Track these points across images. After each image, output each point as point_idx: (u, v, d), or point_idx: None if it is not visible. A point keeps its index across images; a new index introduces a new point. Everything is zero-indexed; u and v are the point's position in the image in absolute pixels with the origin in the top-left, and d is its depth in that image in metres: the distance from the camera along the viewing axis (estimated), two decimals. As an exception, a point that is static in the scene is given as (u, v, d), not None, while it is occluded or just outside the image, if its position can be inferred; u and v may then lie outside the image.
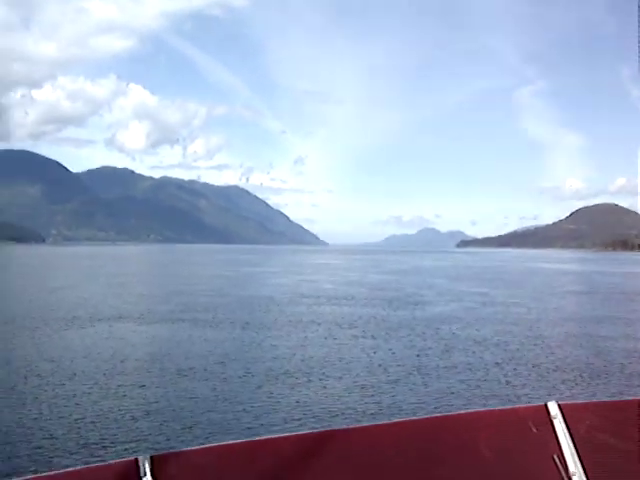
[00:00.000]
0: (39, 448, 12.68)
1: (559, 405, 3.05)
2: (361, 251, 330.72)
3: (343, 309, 38.55)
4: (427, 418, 3.32)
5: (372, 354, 23.73)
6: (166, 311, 36.10)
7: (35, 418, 14.75)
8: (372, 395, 17.37)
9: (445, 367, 21.47)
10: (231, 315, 34.60)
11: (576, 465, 2.89)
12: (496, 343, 26.66)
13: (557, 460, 2.90)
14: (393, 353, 24.04)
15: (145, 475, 2.32)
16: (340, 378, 19.44)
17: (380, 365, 21.48)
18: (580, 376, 20.48)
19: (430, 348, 25.15)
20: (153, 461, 2.37)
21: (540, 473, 2.92)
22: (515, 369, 21.42)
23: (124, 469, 2.35)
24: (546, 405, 3.06)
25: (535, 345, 26.44)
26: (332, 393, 17.48)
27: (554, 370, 21.41)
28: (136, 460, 2.35)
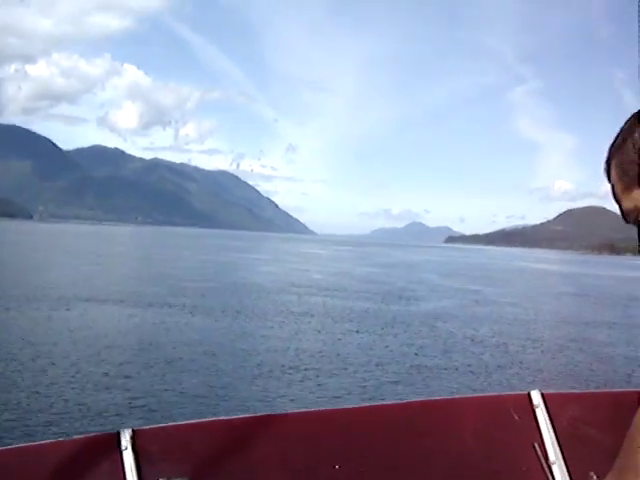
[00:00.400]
0: (15, 437, 11.66)
1: (542, 394, 3.05)
2: (350, 242, 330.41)
3: (335, 301, 37.55)
4: (408, 402, 3.34)
5: (369, 351, 22.76)
6: (155, 295, 34.94)
7: (13, 407, 13.71)
8: (372, 397, 16.41)
9: (445, 368, 20.58)
10: (221, 302, 33.54)
11: (556, 454, 2.90)
12: (495, 344, 25.82)
13: (538, 448, 2.90)
14: (391, 351, 23.08)
15: (126, 449, 2.30)
16: (338, 376, 18.44)
17: (378, 364, 20.46)
18: (580, 378, 19.72)
19: (428, 347, 24.24)
20: (135, 434, 2.34)
21: (520, 460, 2.92)
22: (518, 373, 20.63)
23: (105, 442, 2.34)
24: (529, 394, 3.05)
25: (535, 348, 25.66)
26: (330, 394, 16.45)
27: (556, 377, 20.66)
28: (118, 433, 2.33)
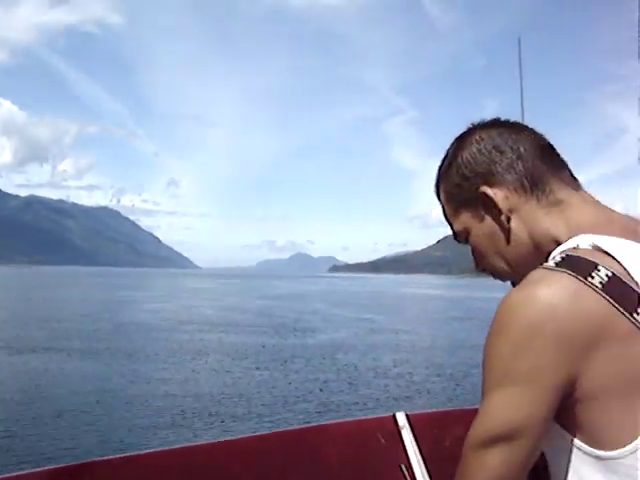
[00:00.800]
0: None
1: (407, 415, 3.03)
2: (236, 275, 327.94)
3: (230, 337, 36.28)
4: (272, 433, 3.30)
5: (273, 389, 21.64)
6: (38, 339, 32.54)
7: None
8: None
9: (354, 402, 19.77)
10: (109, 344, 31.60)
11: (423, 474, 2.90)
12: (399, 374, 25.27)
13: (405, 470, 2.86)
14: (295, 387, 22.02)
15: None
16: (243, 419, 17.30)
17: (285, 404, 19.36)
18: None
19: (333, 381, 23.38)
20: None
21: None
22: (428, 403, 20.05)
23: None
24: (394, 415, 3.02)
25: (439, 376, 25.28)
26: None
27: (466, 401, 20.18)
28: None
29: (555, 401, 1.17)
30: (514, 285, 1.45)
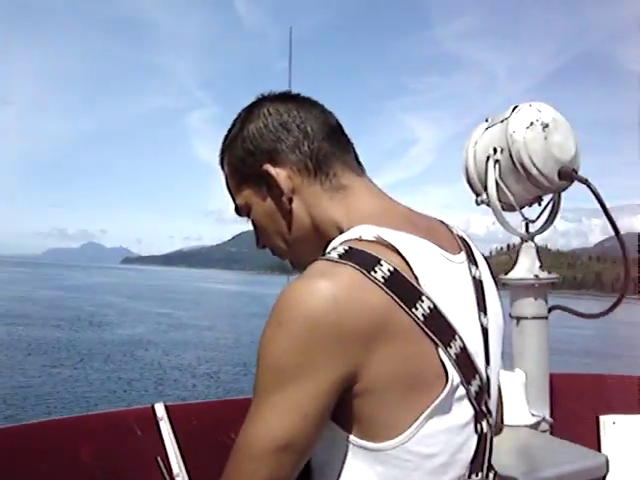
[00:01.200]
0: None
1: (166, 406, 3.03)
2: (23, 263, 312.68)
3: (21, 331, 33.79)
4: (25, 425, 3.04)
5: (72, 389, 20.14)
6: None
7: None
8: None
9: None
10: None
11: (180, 466, 2.91)
12: (206, 373, 24.56)
13: (161, 462, 2.88)
14: (98, 388, 20.55)
15: None
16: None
17: (87, 405, 18.02)
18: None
19: (137, 380, 22.17)
20: None
21: (143, 476, 2.90)
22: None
23: None
24: (153, 407, 3.02)
25: (246, 375, 24.78)
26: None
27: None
28: None
29: (333, 399, 1.13)
30: (292, 264, 1.47)
